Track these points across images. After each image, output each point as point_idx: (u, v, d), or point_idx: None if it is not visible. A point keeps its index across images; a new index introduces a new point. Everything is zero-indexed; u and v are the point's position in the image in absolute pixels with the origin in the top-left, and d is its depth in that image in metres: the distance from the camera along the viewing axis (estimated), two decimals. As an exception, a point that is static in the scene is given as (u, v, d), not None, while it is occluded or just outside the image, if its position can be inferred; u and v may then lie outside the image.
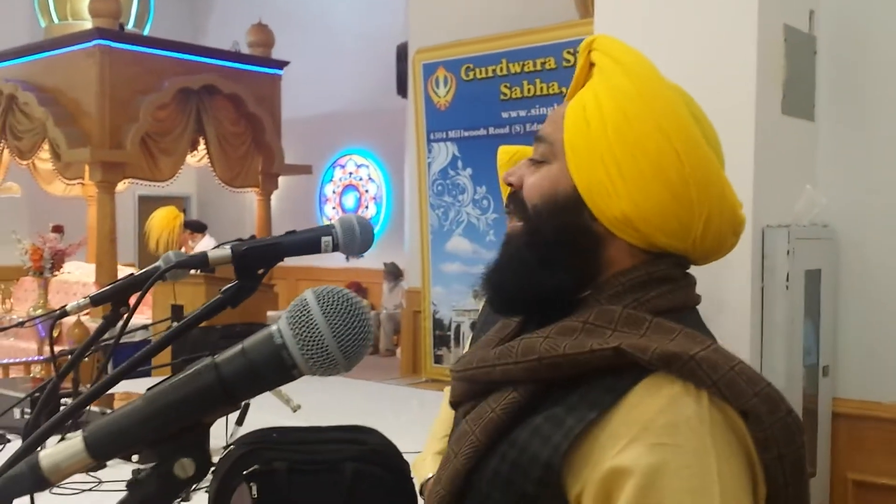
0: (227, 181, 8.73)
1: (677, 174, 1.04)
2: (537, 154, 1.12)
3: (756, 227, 2.19)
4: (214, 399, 0.58)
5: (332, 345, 0.58)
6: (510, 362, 1.04)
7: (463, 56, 5.93)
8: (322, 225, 1.25)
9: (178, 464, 0.57)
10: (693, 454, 0.92)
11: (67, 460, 0.57)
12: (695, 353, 0.95)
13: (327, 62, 11.73)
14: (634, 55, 1.11)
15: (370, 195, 12.11)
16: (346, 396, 4.61)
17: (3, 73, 8.42)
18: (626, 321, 1.01)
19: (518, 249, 1.11)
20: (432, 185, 6.14)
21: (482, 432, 1.03)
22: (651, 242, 1.06)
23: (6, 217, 9.99)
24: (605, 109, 1.06)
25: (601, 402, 0.97)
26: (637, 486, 0.91)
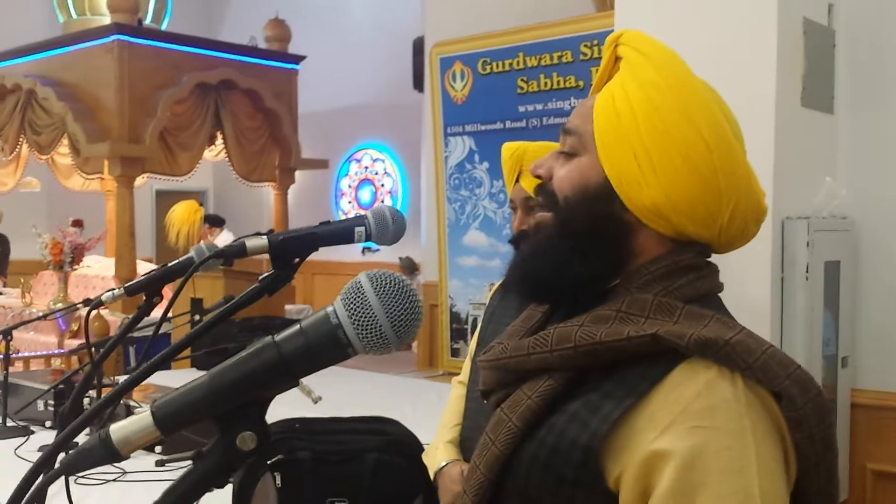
0: (245, 175, 8.78)
1: (706, 164, 1.07)
2: (566, 146, 1.14)
3: (776, 219, 2.20)
4: (274, 376, 0.61)
5: (385, 324, 0.61)
6: (545, 351, 1.07)
7: (480, 50, 5.96)
8: (356, 216, 1.28)
9: (240, 437, 0.60)
10: (731, 435, 0.95)
11: (136, 434, 0.61)
12: (729, 338, 0.98)
13: (343, 57, 11.76)
14: (662, 49, 1.13)
15: (386, 189, 12.15)
16: (365, 389, 4.65)
17: (22, 69, 8.48)
18: (659, 309, 1.04)
19: (549, 238, 1.12)
20: (449, 178, 6.17)
21: (519, 419, 1.06)
22: (679, 231, 1.09)
23: (26, 211, 10.09)
24: (635, 101, 1.08)
25: (638, 387, 0.99)
26: (677, 468, 0.94)
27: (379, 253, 11.88)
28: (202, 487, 0.61)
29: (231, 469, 0.60)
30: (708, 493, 0.93)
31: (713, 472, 0.94)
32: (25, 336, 7.55)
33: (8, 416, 3.28)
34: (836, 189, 2.30)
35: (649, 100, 1.08)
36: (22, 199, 10.25)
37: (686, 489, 0.94)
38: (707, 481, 0.93)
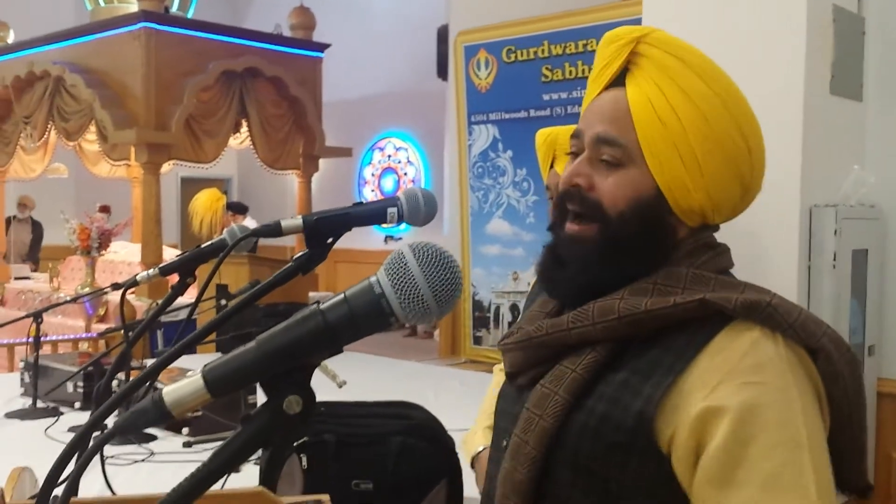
0: (269, 163, 8.82)
1: (748, 167, 1.16)
2: (606, 156, 1.15)
3: (804, 207, 2.21)
4: (319, 342, 0.64)
5: (427, 293, 0.63)
6: (587, 324, 1.12)
7: (504, 38, 5.96)
8: (388, 197, 1.30)
9: (287, 401, 0.62)
10: (778, 390, 1.02)
11: (188, 396, 0.63)
12: (770, 301, 1.06)
13: (368, 45, 11.79)
14: (701, 56, 1.17)
15: (409, 178, 12.18)
16: (388, 375, 4.69)
17: (51, 56, 8.56)
18: (694, 280, 1.11)
19: (598, 252, 1.15)
20: (472, 167, 6.18)
21: (566, 391, 1.11)
22: (706, 222, 1.17)
23: (54, 197, 10.22)
24: (681, 110, 1.12)
25: (685, 353, 1.06)
26: (732, 421, 1.00)
27: (401, 241, 11.92)
28: (250, 449, 0.63)
29: (278, 431, 0.62)
30: (759, 444, 0.99)
31: (763, 424, 1.00)
32: (53, 320, 7.65)
33: (38, 397, 3.34)
34: (864, 177, 2.30)
35: (696, 107, 1.12)
36: (50, 186, 10.37)
37: (739, 441, 0.99)
38: (757, 433, 0.99)
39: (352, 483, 2.28)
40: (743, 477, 0.98)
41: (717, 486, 0.99)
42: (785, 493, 0.97)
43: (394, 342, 9.69)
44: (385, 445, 2.32)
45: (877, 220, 2.44)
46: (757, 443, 0.99)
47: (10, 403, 3.42)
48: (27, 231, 10.50)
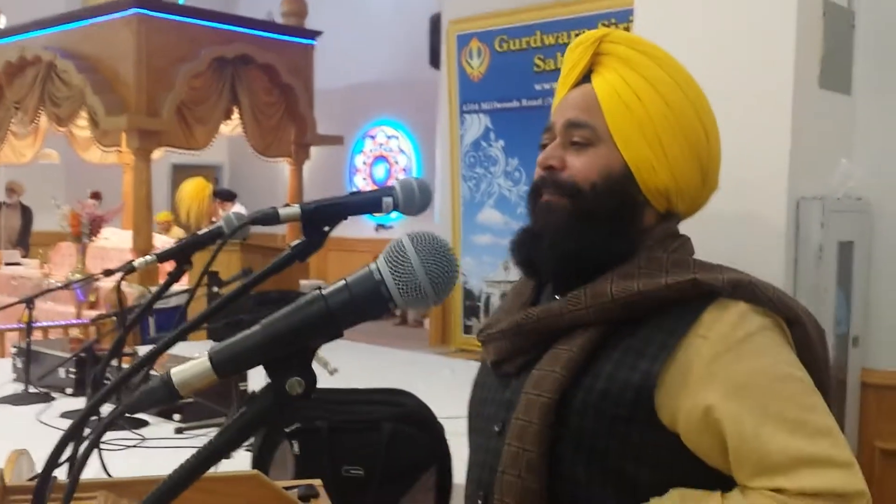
0: (261, 151, 8.82)
1: (705, 152, 1.27)
2: (577, 137, 1.25)
3: (791, 199, 2.23)
4: (321, 327, 0.66)
5: (424, 280, 0.66)
6: (580, 307, 1.19)
7: (497, 27, 5.97)
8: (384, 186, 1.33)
9: (290, 382, 0.65)
10: (775, 352, 1.13)
11: (196, 377, 0.66)
12: (750, 279, 1.16)
13: (360, 33, 11.77)
14: (658, 49, 1.29)
15: (400, 166, 12.18)
16: (379, 364, 4.70)
17: (41, 41, 8.52)
18: (675, 264, 1.20)
19: (573, 220, 1.23)
20: (464, 156, 6.20)
21: (563, 369, 1.17)
22: (671, 208, 1.27)
23: (45, 183, 10.19)
24: (643, 95, 1.23)
25: (677, 329, 1.13)
26: (744, 386, 1.10)
27: (392, 230, 11.92)
28: (253, 428, 0.66)
29: (280, 412, 0.65)
30: (775, 400, 1.08)
31: (769, 384, 1.09)
32: (43, 306, 7.65)
33: (30, 382, 3.35)
34: (851, 170, 2.33)
35: (660, 94, 1.24)
36: (41, 171, 10.34)
37: (751, 409, 1.07)
38: (767, 394, 1.08)
39: (343, 468, 2.30)
40: (772, 432, 1.06)
41: (753, 447, 1.07)
42: (813, 435, 1.07)
43: (384, 331, 9.71)
44: (376, 432, 2.34)
45: (863, 213, 2.47)
46: (773, 401, 1.08)
47: (2, 389, 3.43)
48: (17, 216, 10.47)
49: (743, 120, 2.29)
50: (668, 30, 2.44)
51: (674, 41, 2.42)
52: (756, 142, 2.26)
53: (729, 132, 2.29)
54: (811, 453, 1.06)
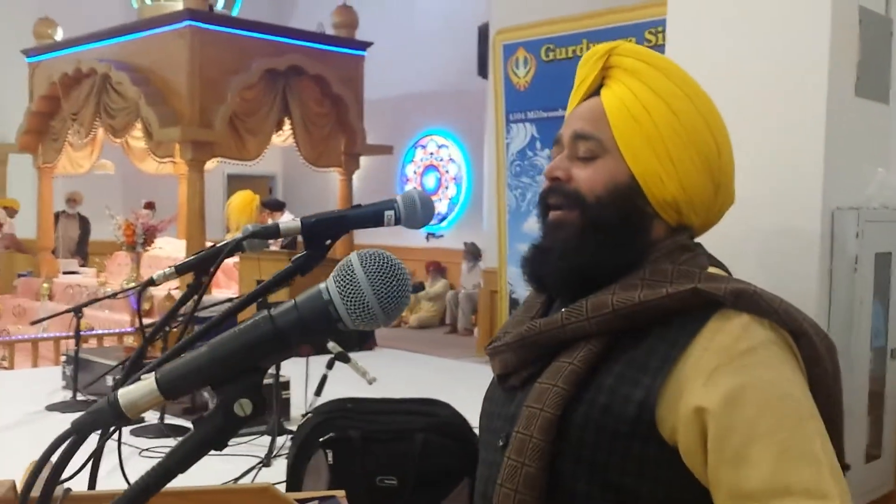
0: (311, 161, 8.90)
1: (716, 163, 1.24)
2: (582, 151, 1.24)
3: (826, 209, 2.18)
4: (270, 347, 0.66)
5: (373, 301, 0.65)
6: (581, 319, 1.17)
7: (543, 36, 5.94)
8: (385, 200, 1.32)
9: (238, 403, 0.64)
10: (775, 368, 1.09)
11: (142, 398, 0.66)
12: (755, 289, 1.13)
13: (410, 43, 11.83)
14: (665, 59, 1.28)
15: (450, 176, 12.21)
16: (422, 372, 4.71)
17: (97, 54, 8.72)
18: (680, 275, 1.17)
19: (580, 234, 1.21)
20: (510, 165, 6.18)
21: (565, 382, 1.15)
22: (682, 221, 1.24)
23: (101, 194, 10.41)
24: (651, 107, 1.22)
25: (679, 341, 1.11)
26: (736, 403, 1.06)
27: (443, 239, 11.96)
28: (202, 450, 0.65)
29: (229, 433, 0.64)
30: (766, 420, 1.04)
31: (766, 401, 1.06)
32: (100, 315, 7.81)
33: (78, 390, 3.41)
34: (888, 180, 2.26)
35: (668, 106, 1.22)
36: (98, 182, 10.58)
37: (746, 421, 1.05)
38: (763, 410, 1.05)
39: (376, 479, 2.30)
40: (757, 454, 1.03)
41: (733, 466, 1.04)
42: (797, 461, 1.02)
43: (433, 339, 9.73)
44: (409, 442, 2.34)
45: (903, 224, 2.40)
46: (764, 419, 1.04)
47: (51, 396, 3.50)
48: (75, 226, 10.72)
49: (777, 129, 2.24)
50: (700, 41, 2.41)
51: (706, 51, 2.39)
52: (790, 151, 2.21)
53: (763, 142, 2.25)
54: (790, 483, 1.01)
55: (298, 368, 3.24)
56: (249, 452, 2.87)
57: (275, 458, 2.79)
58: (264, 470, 2.72)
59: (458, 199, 12.09)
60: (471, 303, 10.45)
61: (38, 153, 9.68)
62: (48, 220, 9.92)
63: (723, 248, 2.24)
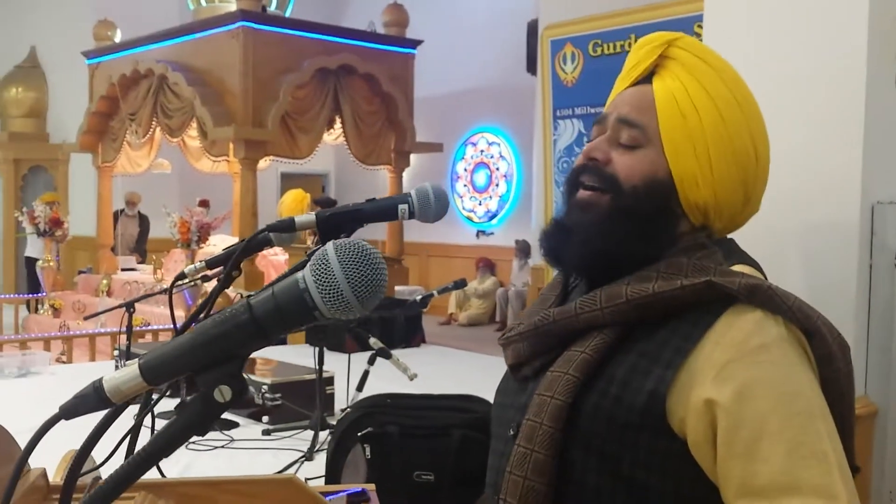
0: (361, 159, 8.97)
1: (753, 175, 1.23)
2: (626, 137, 1.22)
3: (865, 204, 2.14)
4: (248, 335, 0.67)
5: (347, 290, 0.66)
6: (595, 309, 1.17)
7: (591, 32, 5.91)
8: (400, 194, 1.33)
9: (218, 390, 0.66)
10: (786, 366, 1.08)
11: (125, 383, 0.68)
12: (770, 285, 1.11)
13: (460, 40, 11.85)
14: (727, 64, 1.25)
15: (501, 173, 12.19)
16: (466, 368, 4.72)
17: (154, 55, 8.89)
18: (695, 269, 1.16)
19: (610, 219, 1.20)
20: (557, 161, 6.15)
21: (576, 370, 1.15)
22: (706, 224, 1.23)
23: (159, 192, 10.62)
24: (702, 108, 1.20)
25: (692, 333, 1.11)
26: (747, 397, 1.06)
27: (493, 236, 11.95)
28: (184, 435, 0.67)
29: (210, 419, 0.66)
30: (777, 416, 1.04)
31: (778, 397, 1.05)
32: (156, 310, 7.96)
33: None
34: (930, 173, 2.21)
35: (718, 110, 1.20)
36: (156, 180, 10.78)
37: (757, 415, 1.04)
38: (774, 406, 1.05)
39: (413, 474, 2.32)
40: (766, 450, 1.02)
41: (742, 460, 1.04)
42: (807, 459, 1.01)
43: (483, 336, 9.72)
44: (447, 438, 2.35)
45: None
46: (774, 416, 1.04)
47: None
48: (135, 224, 10.96)
49: (816, 123, 2.21)
50: (737, 34, 2.38)
51: (743, 45, 2.36)
52: (829, 145, 2.18)
53: (801, 136, 2.22)
54: (799, 480, 1.01)
55: (343, 364, 3.28)
56: (294, 447, 2.92)
57: (317, 452, 2.83)
58: (307, 464, 2.76)
59: (508, 197, 12.06)
60: (521, 300, 10.42)
61: (98, 153, 9.91)
62: (107, 218, 10.15)
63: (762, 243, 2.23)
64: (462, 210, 12.52)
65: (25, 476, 1.38)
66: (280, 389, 3.28)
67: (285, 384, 3.31)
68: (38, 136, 13.52)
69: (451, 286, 3.73)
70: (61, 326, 8.64)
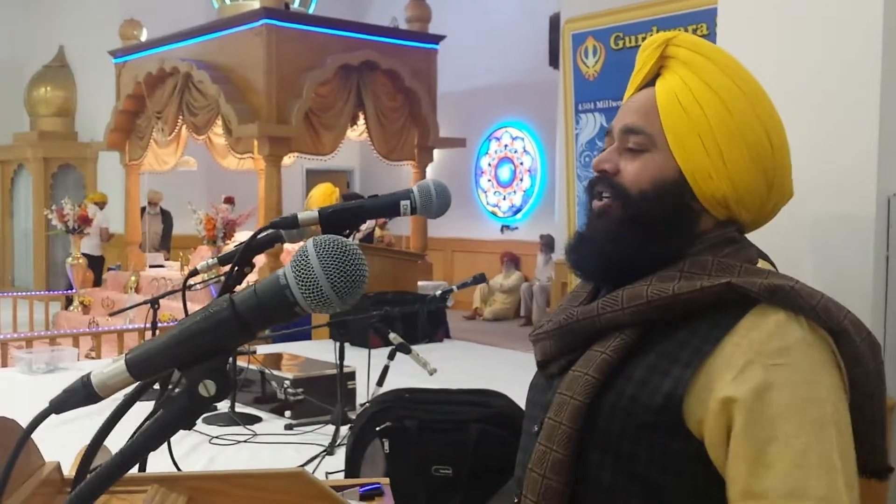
0: (385, 155, 8.99)
1: (770, 161, 1.21)
2: (632, 143, 1.23)
3: (881, 196, 2.12)
4: (231, 330, 0.69)
5: (326, 285, 0.67)
6: (616, 309, 1.17)
7: (612, 25, 5.87)
8: (403, 190, 1.34)
9: (202, 384, 0.67)
10: (805, 371, 1.07)
11: (112, 378, 0.70)
12: (793, 285, 1.10)
13: (483, 35, 11.83)
14: (727, 55, 1.26)
15: (525, 167, 12.17)
16: (488, 363, 4.72)
17: (180, 53, 8.97)
18: (719, 268, 1.16)
19: (621, 226, 1.22)
20: (579, 156, 6.13)
21: (596, 371, 1.16)
22: (732, 216, 1.22)
23: (186, 189, 10.71)
24: (704, 102, 1.20)
25: (712, 335, 1.10)
26: (762, 400, 1.06)
27: (517, 231, 11.94)
28: (170, 429, 0.68)
29: (195, 413, 0.67)
30: (789, 422, 1.03)
31: (791, 402, 1.04)
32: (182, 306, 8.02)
33: (151, 378, 3.52)
34: (948, 164, 2.18)
35: (721, 100, 1.20)
36: (183, 178, 10.89)
37: (769, 419, 1.04)
38: (786, 411, 1.04)
39: (432, 468, 2.33)
40: (775, 454, 1.02)
41: (750, 463, 1.04)
42: (813, 469, 1.01)
43: (507, 331, 9.73)
44: (464, 432, 2.36)
45: (967, 210, 2.31)
46: (787, 420, 1.03)
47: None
48: (158, 222, 11.07)
49: (830, 114, 2.19)
50: (752, 27, 2.36)
51: (758, 38, 2.34)
52: (843, 137, 2.16)
53: (816, 127, 2.20)
54: (805, 488, 1.00)
55: (365, 359, 3.29)
56: (316, 441, 2.94)
57: (338, 447, 2.84)
58: (328, 458, 2.77)
59: (532, 192, 12.04)
60: (545, 295, 10.41)
61: (126, 151, 10.01)
62: (135, 215, 10.26)
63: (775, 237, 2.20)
64: (486, 205, 12.52)
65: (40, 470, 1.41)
66: (302, 384, 3.30)
67: (307, 379, 3.33)
68: (67, 134, 13.68)
69: (469, 281, 3.74)
70: (91, 323, 8.75)
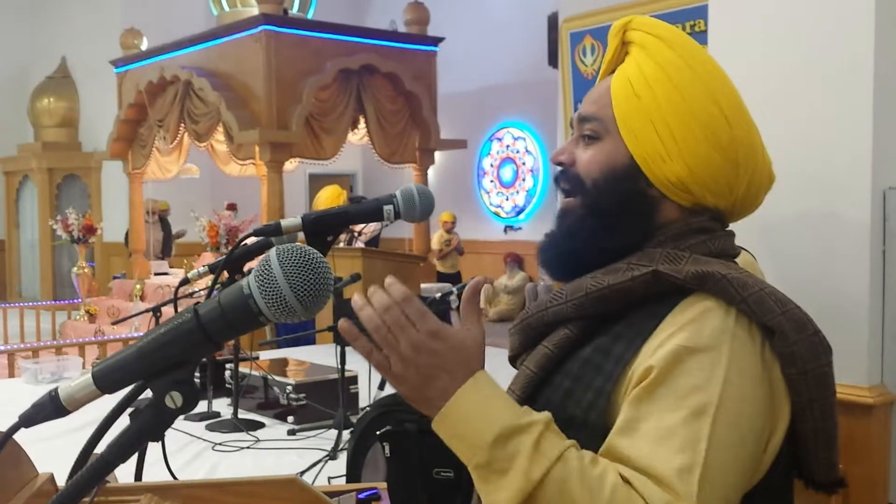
0: (386, 157, 8.99)
1: (727, 137, 1.14)
2: (587, 131, 1.20)
3: (876, 189, 2.11)
4: (195, 341, 0.68)
5: (289, 294, 0.67)
6: (561, 302, 1.16)
7: (609, 23, 5.78)
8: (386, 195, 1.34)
9: (169, 396, 0.67)
10: (707, 356, 1.01)
11: (79, 391, 0.69)
12: (726, 274, 1.05)
13: (482, 36, 11.83)
14: (677, 31, 1.20)
15: (527, 168, 12.15)
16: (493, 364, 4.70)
17: (180, 61, 8.97)
18: (666, 258, 1.12)
19: (580, 221, 1.19)
20: (579, 155, 6.12)
21: (535, 366, 1.15)
22: (699, 202, 1.16)
23: (189, 197, 10.73)
24: (653, 80, 1.16)
25: (645, 327, 1.07)
26: (656, 370, 1.01)
27: (521, 231, 11.93)
28: (138, 441, 0.68)
29: (163, 425, 0.67)
30: (667, 398, 0.99)
31: (676, 386, 1.00)
32: (187, 314, 8.03)
33: (152, 386, 3.51)
34: (942, 156, 2.17)
35: (669, 78, 1.15)
36: (186, 185, 10.90)
37: (649, 394, 1.00)
38: (666, 392, 1.00)
39: (433, 471, 2.33)
40: (644, 427, 0.99)
41: (618, 432, 1.01)
42: (672, 453, 0.96)
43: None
44: (466, 434, 2.35)
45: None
46: (665, 398, 0.99)
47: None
48: (158, 229, 11.08)
49: (824, 109, 2.18)
50: (745, 23, 2.36)
51: (752, 33, 2.34)
52: (838, 131, 2.15)
53: (811, 122, 2.19)
54: (656, 467, 0.96)
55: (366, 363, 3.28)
56: (318, 446, 2.94)
57: (341, 451, 2.84)
58: (331, 463, 2.77)
59: (535, 191, 12.03)
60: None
61: (129, 160, 10.03)
62: (139, 223, 10.27)
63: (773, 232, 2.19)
64: (489, 206, 12.51)
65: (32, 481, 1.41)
66: (305, 389, 3.30)
67: (310, 384, 3.33)
68: (71, 145, 13.72)
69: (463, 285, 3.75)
70: (97, 332, 8.76)
